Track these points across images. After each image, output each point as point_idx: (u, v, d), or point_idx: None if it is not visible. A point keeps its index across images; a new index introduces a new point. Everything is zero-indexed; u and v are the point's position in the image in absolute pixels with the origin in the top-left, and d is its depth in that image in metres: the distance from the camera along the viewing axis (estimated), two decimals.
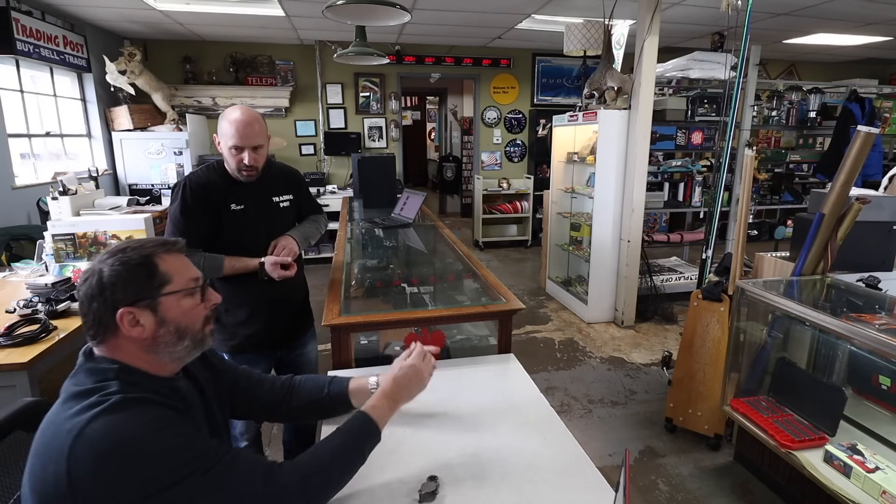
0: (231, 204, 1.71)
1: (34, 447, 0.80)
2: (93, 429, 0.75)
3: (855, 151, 2.04)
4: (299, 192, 1.93)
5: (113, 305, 0.84)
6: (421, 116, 11.86)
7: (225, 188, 1.71)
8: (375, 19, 2.63)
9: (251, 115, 1.65)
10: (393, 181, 4.50)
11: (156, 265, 0.89)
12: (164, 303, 0.88)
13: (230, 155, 1.65)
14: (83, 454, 0.74)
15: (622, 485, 0.77)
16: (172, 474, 0.77)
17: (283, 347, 1.94)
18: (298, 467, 0.91)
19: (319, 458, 0.95)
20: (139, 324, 0.86)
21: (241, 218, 1.72)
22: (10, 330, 1.70)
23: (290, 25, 5.07)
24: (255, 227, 1.75)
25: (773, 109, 4.85)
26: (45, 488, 0.76)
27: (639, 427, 2.68)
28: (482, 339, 2.01)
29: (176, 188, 1.69)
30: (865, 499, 1.64)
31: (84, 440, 0.75)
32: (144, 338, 0.87)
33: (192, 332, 0.92)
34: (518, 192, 6.68)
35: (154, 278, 0.88)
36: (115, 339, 0.86)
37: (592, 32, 3.86)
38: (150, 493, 0.75)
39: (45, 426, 0.80)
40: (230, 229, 1.71)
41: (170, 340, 0.89)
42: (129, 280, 0.85)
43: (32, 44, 4.05)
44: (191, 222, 1.65)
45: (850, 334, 1.73)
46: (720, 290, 2.48)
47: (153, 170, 5.25)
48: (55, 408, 0.82)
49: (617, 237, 4.02)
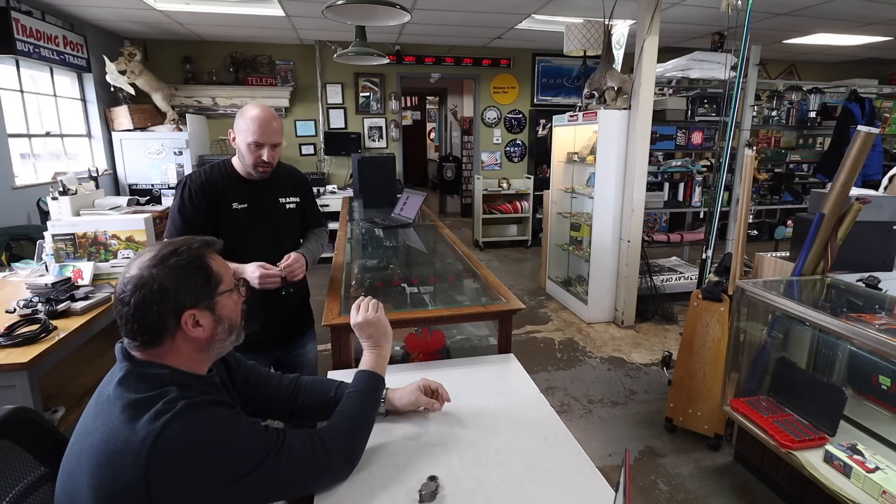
0: (233, 203, 1.70)
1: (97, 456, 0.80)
2: (168, 435, 0.79)
3: (855, 151, 2.04)
4: (305, 196, 1.93)
5: (176, 309, 0.88)
6: (421, 116, 11.86)
7: (227, 186, 1.70)
8: (375, 19, 2.63)
9: (271, 113, 1.66)
10: (393, 181, 4.50)
11: (210, 266, 0.93)
12: (220, 302, 0.93)
13: (248, 151, 1.65)
14: (162, 460, 0.78)
15: (622, 485, 0.77)
16: (249, 463, 0.85)
17: (282, 348, 1.94)
18: (338, 429, 1.03)
19: (351, 418, 1.07)
20: (199, 324, 0.90)
21: (241, 217, 1.72)
22: (10, 330, 1.70)
23: (290, 25, 5.07)
24: (256, 227, 1.74)
25: (773, 109, 4.86)
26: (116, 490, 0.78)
27: (639, 427, 2.68)
28: (482, 339, 2.01)
29: (178, 187, 1.70)
30: (865, 499, 1.64)
31: (161, 447, 0.79)
32: (205, 337, 0.92)
33: (237, 326, 0.99)
34: (518, 192, 6.68)
35: (211, 280, 0.92)
36: (171, 343, 0.89)
37: (592, 32, 3.86)
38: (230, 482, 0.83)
39: (108, 437, 0.81)
40: (229, 228, 1.69)
41: (223, 337, 0.95)
42: (192, 283, 0.90)
43: (32, 44, 4.05)
44: (188, 221, 1.65)
45: (850, 334, 1.73)
46: (720, 290, 2.47)
47: (153, 170, 5.25)
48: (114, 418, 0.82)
49: (617, 237, 4.02)
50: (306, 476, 0.95)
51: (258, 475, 0.86)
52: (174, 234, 1.62)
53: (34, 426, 0.99)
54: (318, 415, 1.24)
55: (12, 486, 0.91)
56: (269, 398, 1.19)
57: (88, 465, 0.80)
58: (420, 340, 1.74)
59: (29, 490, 0.93)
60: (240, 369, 1.16)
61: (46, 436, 0.99)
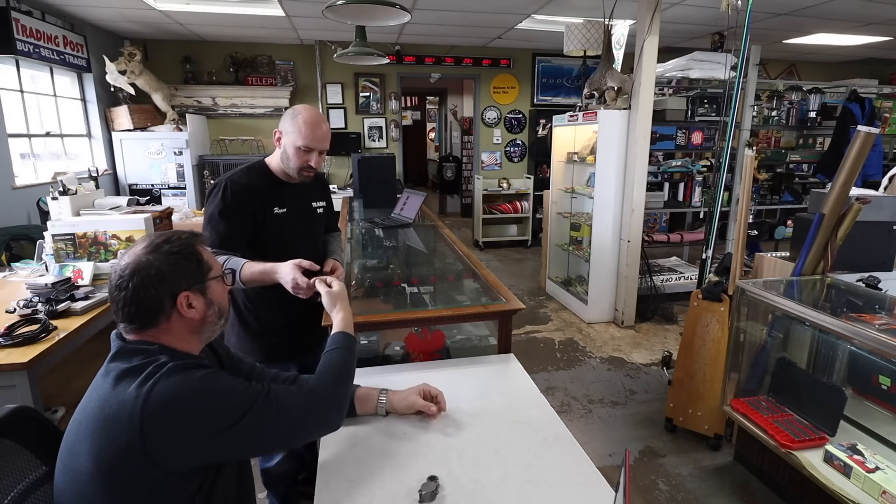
0: (274, 207, 1.65)
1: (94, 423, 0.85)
2: (158, 391, 0.84)
3: (855, 151, 2.04)
4: (329, 201, 1.92)
5: (172, 291, 0.94)
6: (421, 116, 11.86)
7: (267, 190, 1.65)
8: (375, 19, 2.63)
9: (322, 117, 1.62)
10: (393, 181, 4.50)
11: (200, 254, 1.01)
12: (211, 286, 1.01)
13: (296, 154, 1.59)
14: (154, 416, 0.83)
15: (622, 485, 0.77)
16: (237, 409, 0.90)
17: (309, 353, 1.80)
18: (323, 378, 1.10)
19: (334, 369, 1.13)
20: (192, 306, 0.96)
21: (283, 221, 1.67)
22: (10, 330, 1.70)
23: (290, 25, 5.07)
24: (295, 232, 1.71)
25: (773, 109, 4.85)
26: (116, 455, 0.83)
27: (639, 427, 2.68)
28: (482, 339, 2.01)
29: (216, 189, 1.60)
30: (865, 499, 1.64)
31: (153, 402, 0.83)
32: (197, 318, 0.98)
33: (225, 311, 1.06)
34: (518, 192, 6.68)
35: (202, 266, 1.00)
36: (166, 323, 0.95)
37: (592, 32, 3.86)
38: (222, 429, 0.88)
39: (102, 403, 0.86)
40: (272, 232, 1.65)
41: (213, 319, 1.01)
42: (185, 267, 0.96)
43: (32, 44, 4.05)
44: (232, 225, 1.58)
45: (850, 334, 1.73)
46: (720, 290, 2.47)
47: (153, 170, 5.25)
48: (106, 387, 0.87)
49: (617, 237, 4.02)
50: (296, 420, 0.98)
51: (248, 422, 0.90)
52: (217, 239, 1.55)
53: (35, 425, 0.99)
54: None
55: (13, 484, 0.91)
56: None
57: (87, 434, 0.85)
58: (420, 340, 1.74)
59: (30, 489, 0.93)
60: (230, 360, 1.18)
61: (48, 435, 1.00)
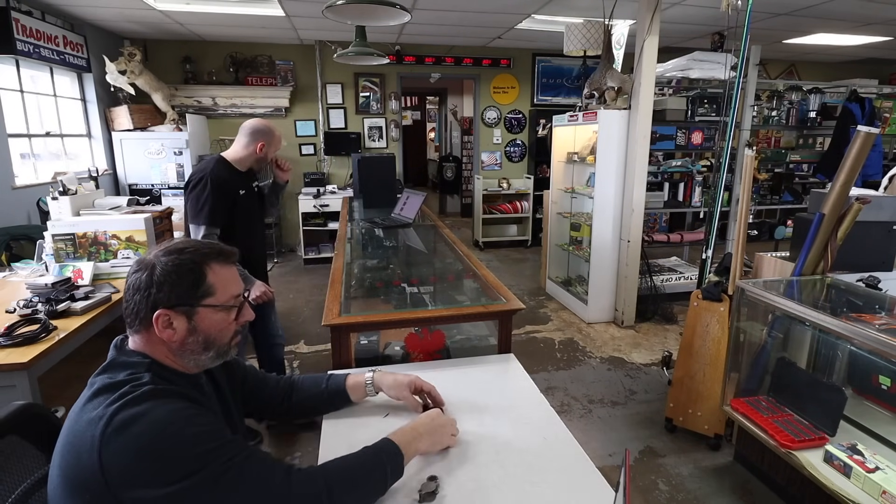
0: (239, 190, 2.24)
1: (64, 438, 0.81)
2: (121, 416, 0.77)
3: (855, 151, 2.04)
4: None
5: (153, 303, 0.87)
6: (421, 116, 11.86)
7: (233, 177, 2.22)
8: (375, 19, 2.63)
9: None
10: (393, 181, 4.50)
11: (205, 274, 0.91)
12: (201, 313, 0.91)
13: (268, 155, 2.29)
14: (112, 440, 0.76)
15: (622, 485, 0.77)
16: (194, 462, 0.78)
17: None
18: (322, 472, 0.89)
19: (343, 468, 0.92)
20: (172, 326, 0.89)
21: (246, 201, 2.29)
22: (10, 330, 1.70)
23: (290, 25, 5.07)
24: (254, 208, 2.37)
25: (773, 109, 4.85)
26: (79, 474, 0.77)
27: (639, 427, 2.67)
28: (482, 339, 2.01)
29: (202, 180, 2.11)
30: (865, 499, 1.64)
31: (113, 425, 0.77)
32: (174, 341, 0.90)
33: (220, 345, 0.95)
34: (518, 192, 6.68)
35: (199, 287, 0.90)
36: (147, 334, 0.90)
37: (592, 32, 3.85)
38: (172, 480, 0.76)
39: (75, 417, 0.82)
40: (241, 209, 2.24)
41: (196, 349, 0.92)
42: (176, 283, 0.88)
43: (32, 44, 4.05)
44: (218, 202, 2.11)
45: (850, 334, 1.73)
46: (720, 290, 2.47)
47: (153, 170, 5.25)
48: (83, 400, 0.83)
49: (617, 237, 4.02)
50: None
51: (201, 478, 0.77)
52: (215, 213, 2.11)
53: (43, 422, 1.00)
54: (313, 409, 1.27)
55: (21, 481, 0.92)
56: (265, 399, 1.22)
57: (59, 449, 0.81)
58: (420, 340, 1.74)
59: (37, 485, 0.93)
60: (238, 371, 1.18)
61: (55, 432, 0.99)
